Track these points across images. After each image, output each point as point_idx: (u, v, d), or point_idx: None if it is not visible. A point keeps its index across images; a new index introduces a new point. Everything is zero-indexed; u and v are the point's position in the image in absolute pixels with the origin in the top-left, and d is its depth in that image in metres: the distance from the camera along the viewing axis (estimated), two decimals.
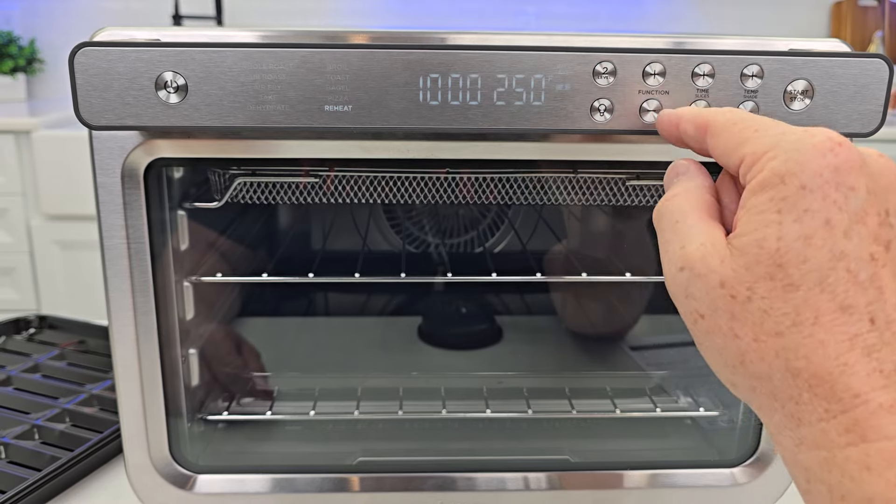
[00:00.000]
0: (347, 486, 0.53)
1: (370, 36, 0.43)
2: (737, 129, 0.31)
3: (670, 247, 0.31)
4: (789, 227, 0.27)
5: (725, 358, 0.29)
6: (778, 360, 0.27)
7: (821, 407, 0.26)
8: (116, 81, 0.40)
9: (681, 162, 0.35)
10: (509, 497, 0.53)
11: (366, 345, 0.77)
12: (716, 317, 0.29)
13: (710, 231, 0.30)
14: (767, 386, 0.28)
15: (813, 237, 0.27)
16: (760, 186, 0.28)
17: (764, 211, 0.28)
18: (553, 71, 0.41)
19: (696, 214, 0.31)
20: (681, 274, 0.30)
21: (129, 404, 0.50)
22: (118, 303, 0.48)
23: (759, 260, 0.27)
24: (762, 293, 0.27)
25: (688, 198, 0.32)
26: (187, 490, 0.52)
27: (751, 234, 0.28)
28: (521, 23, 2.47)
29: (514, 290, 0.83)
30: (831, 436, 0.26)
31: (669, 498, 0.54)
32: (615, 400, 0.62)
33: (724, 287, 0.28)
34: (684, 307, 0.30)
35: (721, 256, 0.29)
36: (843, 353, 0.26)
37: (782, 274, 0.27)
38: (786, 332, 0.27)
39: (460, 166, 0.53)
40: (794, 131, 0.29)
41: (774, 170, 0.28)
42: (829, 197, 0.27)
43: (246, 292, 0.75)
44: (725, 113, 0.33)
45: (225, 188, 0.53)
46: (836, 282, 0.26)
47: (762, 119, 0.31)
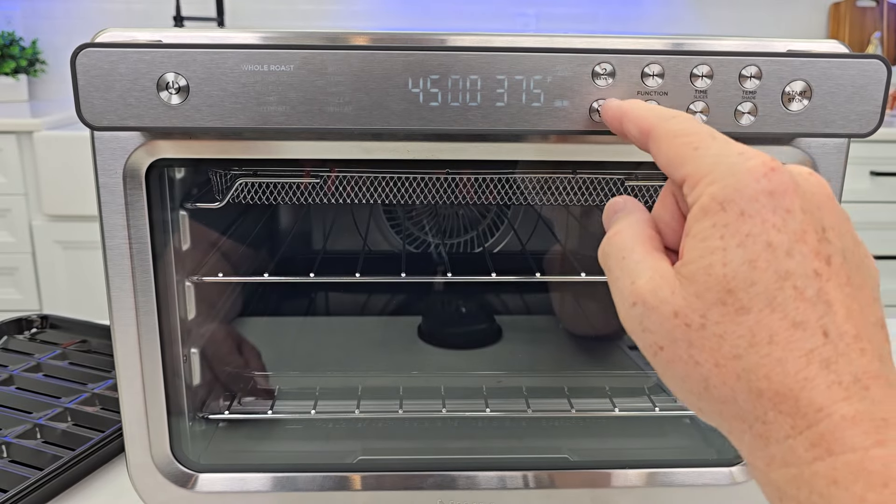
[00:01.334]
0: (348, 485, 0.53)
1: (371, 37, 0.44)
2: (678, 143, 0.31)
3: (620, 283, 0.32)
4: (733, 253, 0.27)
5: (689, 385, 0.30)
6: (740, 382, 0.28)
7: (787, 424, 0.27)
8: (118, 82, 0.41)
9: (617, 199, 0.36)
10: (509, 495, 0.53)
11: (366, 344, 0.77)
12: (675, 347, 0.29)
13: (656, 264, 0.31)
14: (733, 409, 0.28)
15: (757, 260, 0.27)
16: (703, 213, 0.29)
17: (707, 238, 0.28)
18: (552, 72, 0.42)
19: (641, 248, 0.32)
20: (634, 309, 0.30)
21: (131, 403, 0.50)
22: (120, 302, 0.48)
23: (709, 287, 0.28)
24: (715, 318, 0.28)
25: (630, 233, 0.33)
26: (189, 489, 0.52)
27: (697, 261, 0.28)
28: (521, 24, 2.48)
29: (513, 290, 0.84)
30: (798, 452, 0.26)
31: (668, 496, 0.54)
32: (614, 399, 0.62)
33: (678, 317, 0.29)
34: (642, 341, 0.31)
35: (671, 287, 0.29)
36: (801, 368, 0.26)
37: (732, 298, 0.27)
38: (744, 355, 0.27)
39: (460, 167, 0.53)
40: (729, 153, 0.29)
41: (714, 196, 0.28)
42: (767, 221, 0.27)
43: (247, 292, 0.75)
44: (668, 120, 0.33)
45: (226, 188, 0.54)
46: (784, 300, 0.27)
47: (703, 133, 0.31)
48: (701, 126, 0.32)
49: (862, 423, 0.25)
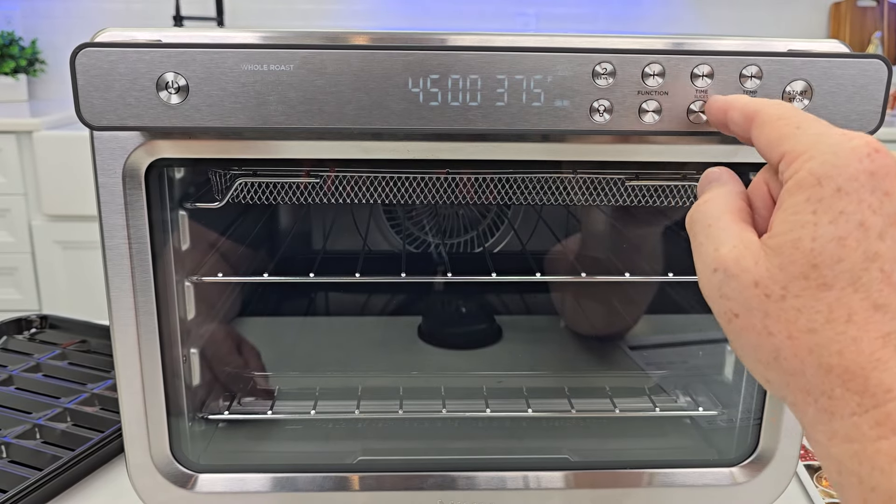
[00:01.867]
0: (348, 485, 0.53)
1: (370, 37, 0.44)
2: (781, 124, 0.32)
3: (703, 249, 0.32)
4: (824, 229, 0.28)
5: (759, 355, 0.30)
6: (811, 356, 0.28)
7: (853, 401, 0.27)
8: (118, 82, 0.41)
9: (713, 170, 0.36)
10: (509, 496, 0.53)
11: (366, 344, 0.77)
12: (750, 315, 0.30)
13: (742, 234, 0.31)
14: (801, 381, 0.29)
15: (847, 238, 0.27)
16: (797, 187, 0.29)
17: (799, 212, 0.29)
18: (553, 72, 0.42)
19: (728, 217, 0.32)
20: (714, 275, 0.31)
21: (131, 404, 0.50)
22: (119, 302, 0.48)
23: (794, 260, 0.28)
24: (796, 292, 0.28)
25: (720, 202, 0.33)
26: (188, 489, 0.52)
27: (786, 234, 0.29)
28: (521, 24, 2.48)
29: (513, 290, 0.83)
30: (863, 429, 0.27)
31: (668, 497, 0.54)
32: (614, 399, 0.62)
33: (758, 286, 0.29)
34: (718, 307, 0.31)
35: (755, 257, 0.30)
36: (876, 349, 0.27)
37: (816, 273, 0.28)
38: (819, 329, 0.28)
39: (460, 167, 0.53)
40: (833, 133, 0.29)
41: (812, 171, 0.29)
42: (864, 201, 0.28)
43: (247, 292, 0.75)
44: (774, 105, 0.33)
45: (226, 188, 0.54)
46: (869, 282, 0.27)
47: (806, 116, 0.32)
48: (804, 112, 0.32)
49: None
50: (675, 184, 0.54)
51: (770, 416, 0.53)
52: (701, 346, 0.67)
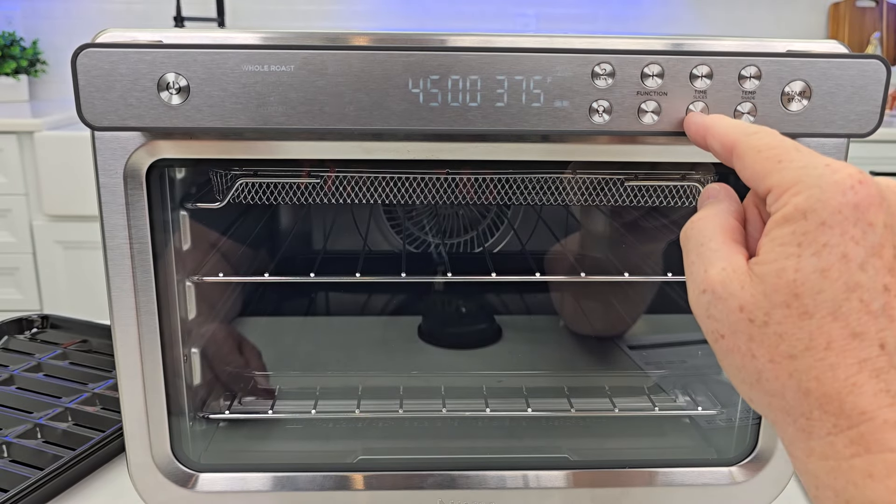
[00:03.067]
0: (348, 485, 0.53)
1: (371, 38, 0.44)
2: (761, 158, 0.32)
3: (694, 268, 0.33)
4: (807, 261, 0.28)
5: (743, 376, 0.31)
6: (791, 380, 0.29)
7: (829, 422, 0.28)
8: (119, 83, 0.41)
9: (713, 186, 0.37)
10: (508, 495, 0.53)
11: (366, 344, 0.77)
12: (735, 337, 0.31)
13: (731, 256, 0.32)
14: (781, 403, 0.30)
15: (829, 270, 0.28)
16: (784, 220, 0.30)
17: (785, 243, 0.29)
18: (552, 72, 0.42)
19: (719, 238, 0.33)
20: (703, 296, 0.32)
21: (132, 403, 0.50)
22: (120, 302, 0.48)
23: (777, 289, 0.29)
24: (778, 319, 0.29)
25: (713, 221, 0.34)
26: (189, 488, 0.52)
27: (771, 263, 0.29)
28: (521, 24, 2.48)
29: (513, 290, 0.84)
30: (838, 447, 0.28)
31: (668, 496, 0.54)
32: (614, 399, 0.62)
33: (743, 311, 0.30)
34: (706, 326, 0.32)
35: (741, 282, 0.30)
36: (851, 374, 0.28)
37: (798, 303, 0.29)
38: (799, 356, 0.29)
39: (460, 167, 0.53)
40: (817, 164, 0.30)
41: (797, 206, 0.29)
42: (847, 233, 0.28)
43: (247, 292, 0.75)
44: (751, 136, 0.33)
45: (227, 189, 0.54)
46: (849, 311, 0.28)
47: (786, 147, 0.32)
48: (784, 140, 0.32)
49: None
50: (674, 184, 0.54)
51: None
52: (700, 346, 0.68)
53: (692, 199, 0.54)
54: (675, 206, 0.55)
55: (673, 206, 0.55)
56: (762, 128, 0.34)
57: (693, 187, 0.54)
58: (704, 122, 0.38)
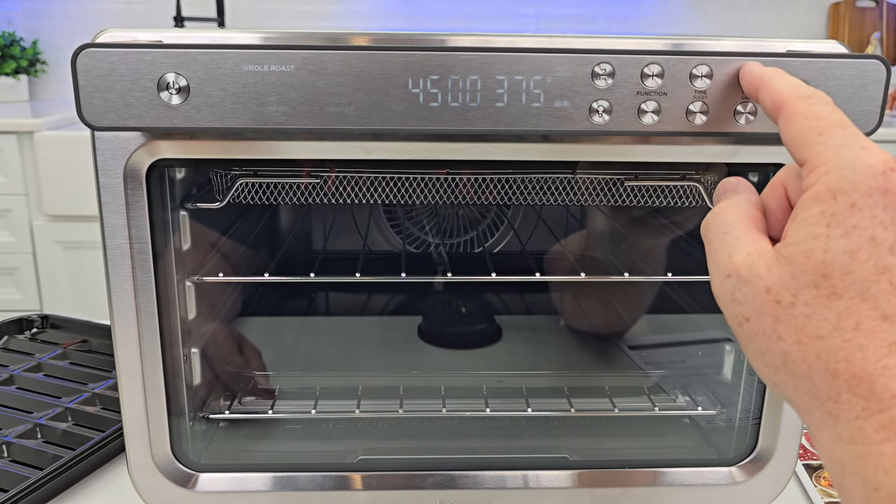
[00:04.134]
0: (348, 485, 0.53)
1: (371, 38, 0.44)
2: (805, 126, 0.32)
3: (718, 255, 0.33)
4: (836, 241, 0.29)
5: (768, 359, 0.31)
6: (819, 361, 0.29)
7: (859, 405, 0.28)
8: (119, 83, 0.41)
9: (730, 179, 0.37)
10: (508, 495, 0.53)
11: (366, 344, 0.77)
12: (760, 320, 0.31)
13: (756, 242, 0.32)
14: (808, 385, 0.30)
15: (858, 252, 0.28)
16: (814, 199, 0.30)
17: (814, 224, 0.29)
18: (552, 72, 0.42)
19: (742, 226, 0.33)
20: (728, 280, 0.32)
21: (132, 403, 0.50)
22: (120, 302, 0.48)
23: (805, 269, 0.29)
24: (806, 300, 0.29)
25: (735, 210, 0.34)
26: (189, 488, 0.52)
27: (799, 244, 0.30)
28: (521, 24, 2.48)
29: (513, 290, 0.84)
30: (867, 432, 0.28)
31: (667, 496, 0.54)
32: (614, 399, 0.62)
33: (770, 293, 0.30)
34: (730, 311, 0.32)
35: (767, 265, 0.31)
36: (882, 357, 0.28)
37: (826, 283, 0.29)
38: (827, 336, 0.29)
39: (460, 167, 0.53)
40: (854, 145, 0.30)
41: (828, 185, 0.29)
42: (876, 217, 0.28)
43: (247, 292, 0.75)
44: (801, 100, 0.33)
45: (227, 189, 0.54)
46: (878, 293, 0.28)
47: (830, 120, 0.32)
48: (832, 112, 0.32)
49: None
50: (674, 184, 0.54)
51: (769, 415, 0.53)
52: (700, 346, 0.68)
53: (692, 199, 0.54)
54: (675, 206, 0.55)
55: (673, 206, 0.55)
56: (816, 93, 0.34)
57: (693, 187, 0.54)
58: (761, 74, 0.37)
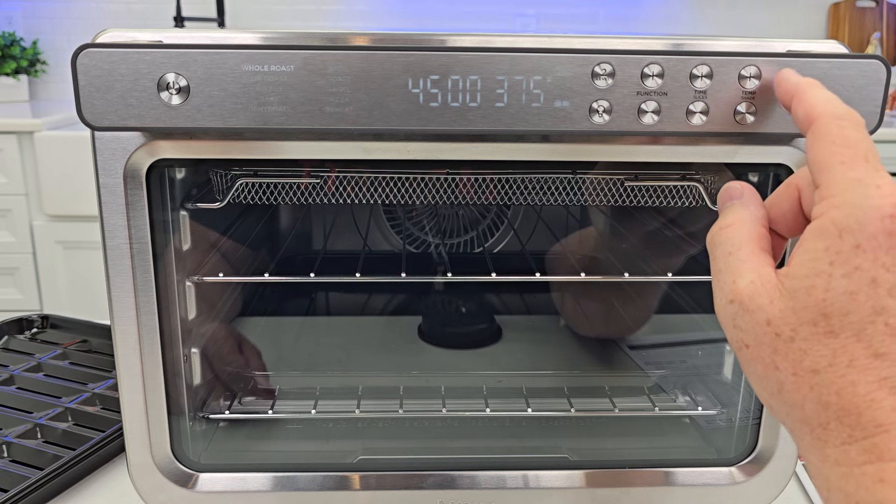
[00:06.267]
0: (348, 485, 0.53)
1: (371, 38, 0.44)
2: (830, 150, 0.32)
3: (722, 277, 0.34)
4: (838, 282, 0.29)
5: (765, 385, 0.32)
6: (812, 392, 0.30)
7: (845, 433, 0.30)
8: (119, 83, 0.41)
9: (734, 185, 0.37)
10: (508, 495, 0.53)
11: (366, 344, 0.77)
12: (760, 349, 0.32)
13: (761, 268, 0.33)
14: (800, 413, 0.31)
15: (858, 293, 0.29)
16: (820, 232, 0.30)
17: (817, 259, 0.30)
18: (552, 72, 0.42)
19: (748, 248, 0.34)
20: (730, 306, 0.33)
21: (132, 403, 0.50)
22: (120, 302, 0.48)
23: (807, 306, 0.30)
24: (804, 335, 0.30)
25: (741, 229, 0.34)
26: (189, 488, 0.52)
27: (802, 279, 0.30)
28: (521, 25, 2.48)
29: (513, 290, 0.84)
30: (851, 455, 0.29)
31: (668, 496, 0.54)
32: (614, 399, 0.62)
33: (770, 325, 0.31)
34: (731, 335, 0.33)
35: (770, 296, 0.31)
36: (871, 391, 0.29)
37: (825, 322, 0.30)
38: (821, 371, 0.30)
39: (460, 167, 0.53)
40: (868, 183, 0.30)
41: (835, 220, 0.30)
42: (878, 259, 0.29)
43: (247, 292, 0.75)
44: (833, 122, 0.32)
45: (227, 189, 0.54)
46: (873, 333, 0.29)
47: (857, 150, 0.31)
48: (861, 140, 0.32)
49: None
50: (674, 184, 0.54)
51: (769, 415, 0.53)
52: (700, 346, 0.68)
53: (692, 199, 0.54)
54: (676, 206, 0.55)
55: (673, 207, 0.55)
56: (850, 114, 0.33)
57: (693, 187, 0.54)
58: (798, 84, 0.36)
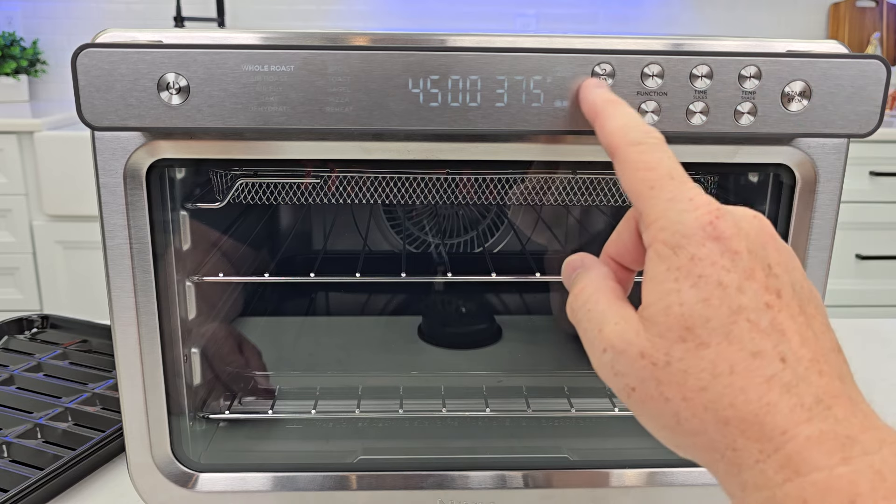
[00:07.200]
0: (348, 485, 0.53)
1: (371, 38, 0.44)
2: (637, 178, 0.32)
3: (589, 334, 0.33)
4: (687, 293, 0.29)
5: (663, 422, 0.31)
6: (707, 412, 0.29)
7: (755, 449, 0.28)
8: (119, 83, 0.41)
9: (573, 258, 0.37)
10: (508, 495, 0.53)
11: (366, 344, 0.77)
12: (645, 386, 0.30)
13: (620, 310, 0.32)
14: (704, 440, 0.30)
15: (710, 298, 0.29)
16: (657, 257, 0.31)
17: (663, 281, 0.30)
18: (552, 72, 0.42)
19: (604, 299, 0.34)
20: (605, 355, 0.32)
21: (132, 403, 0.50)
22: (120, 302, 0.48)
23: (669, 326, 0.30)
24: (678, 355, 0.29)
25: (593, 288, 0.35)
26: (189, 488, 0.52)
27: (656, 303, 0.30)
28: (521, 25, 2.48)
29: (513, 290, 0.84)
30: (769, 475, 0.28)
31: (667, 496, 0.54)
32: (614, 399, 0.62)
33: (645, 357, 0.30)
34: (616, 385, 0.32)
35: (635, 329, 0.31)
36: (763, 394, 0.28)
37: (691, 335, 0.29)
38: (708, 386, 0.29)
39: (460, 167, 0.53)
40: (681, 199, 0.31)
41: (665, 241, 0.30)
42: (716, 263, 0.29)
43: (247, 292, 0.75)
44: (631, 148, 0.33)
45: (227, 189, 0.54)
46: (740, 333, 0.29)
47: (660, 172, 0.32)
48: (662, 159, 0.32)
49: (826, 442, 0.27)
50: None
51: None
52: None
53: None
54: None
55: None
56: (647, 135, 0.33)
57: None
58: (595, 106, 0.37)
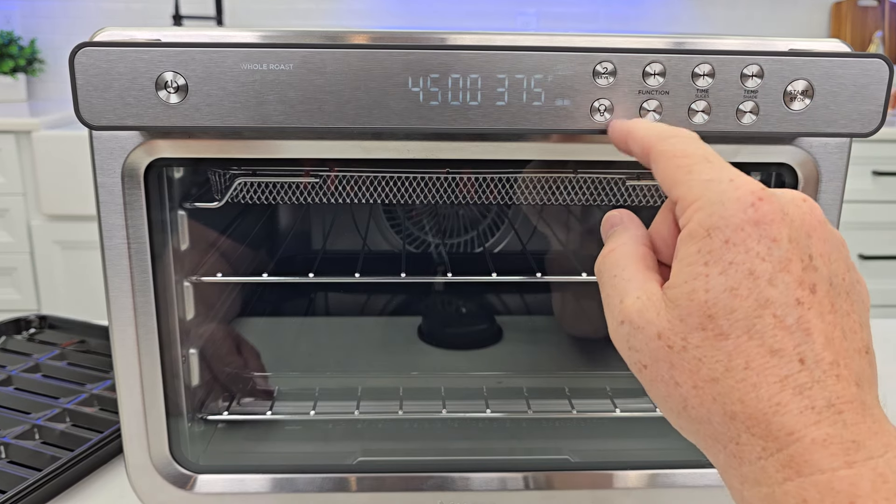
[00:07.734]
0: (347, 486, 0.53)
1: (370, 36, 0.43)
2: (673, 165, 0.32)
3: (610, 301, 0.33)
4: (715, 280, 0.28)
5: (670, 405, 0.31)
6: (715, 404, 0.29)
7: (758, 446, 0.28)
8: (117, 81, 0.41)
9: (613, 213, 0.37)
10: (509, 497, 0.53)
11: (366, 344, 0.77)
12: (657, 366, 0.30)
13: (645, 284, 0.32)
14: (709, 429, 0.29)
15: (738, 288, 0.28)
16: (690, 238, 0.30)
17: (692, 263, 0.29)
18: (553, 71, 0.41)
19: (632, 268, 0.33)
20: (622, 327, 0.32)
21: (130, 404, 0.50)
22: (118, 303, 0.48)
23: (691, 311, 0.29)
24: (696, 342, 0.29)
25: (623, 251, 0.34)
26: (187, 490, 0.52)
27: (681, 286, 0.29)
28: (522, 23, 2.48)
29: (513, 290, 0.83)
30: (770, 472, 0.27)
31: (669, 498, 0.54)
32: (615, 400, 0.62)
33: (661, 338, 0.30)
34: (629, 358, 0.32)
35: (657, 308, 0.30)
36: (774, 393, 0.27)
37: (712, 324, 0.28)
38: (720, 378, 0.28)
39: (460, 166, 0.53)
40: (722, 179, 0.30)
41: (700, 222, 0.29)
42: (751, 250, 0.28)
43: (246, 292, 0.75)
44: (665, 141, 0.33)
45: (225, 188, 0.53)
46: (763, 328, 0.28)
47: (697, 156, 0.32)
48: (698, 147, 0.32)
49: (832, 445, 0.26)
50: None
51: None
52: None
53: None
54: None
55: None
56: (679, 132, 0.34)
57: None
58: (625, 127, 0.37)
